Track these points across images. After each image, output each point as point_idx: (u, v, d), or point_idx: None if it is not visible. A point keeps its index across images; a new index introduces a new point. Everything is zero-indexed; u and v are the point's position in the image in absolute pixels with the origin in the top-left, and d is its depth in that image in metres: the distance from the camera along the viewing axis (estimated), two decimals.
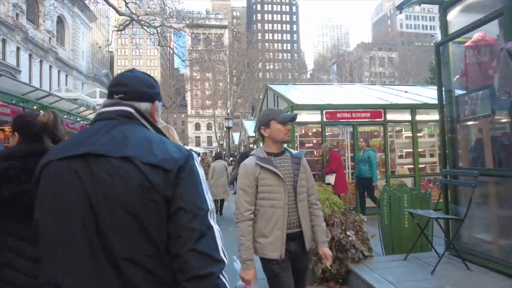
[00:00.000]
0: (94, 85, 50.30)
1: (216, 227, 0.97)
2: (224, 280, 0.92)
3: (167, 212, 0.92)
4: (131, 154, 0.93)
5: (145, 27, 17.85)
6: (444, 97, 3.79)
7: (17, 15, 32.25)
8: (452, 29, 3.67)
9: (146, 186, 0.90)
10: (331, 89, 10.07)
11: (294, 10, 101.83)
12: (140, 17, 17.01)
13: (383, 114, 7.69)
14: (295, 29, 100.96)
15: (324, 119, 7.43)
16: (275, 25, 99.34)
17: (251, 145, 17.48)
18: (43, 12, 34.62)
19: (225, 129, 15.81)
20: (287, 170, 2.17)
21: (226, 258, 0.95)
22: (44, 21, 34.96)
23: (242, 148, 21.73)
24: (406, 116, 7.91)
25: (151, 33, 18.15)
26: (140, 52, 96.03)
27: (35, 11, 36.02)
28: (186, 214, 0.91)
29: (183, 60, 20.22)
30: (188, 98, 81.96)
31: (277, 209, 2.10)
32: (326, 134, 7.60)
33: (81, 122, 9.39)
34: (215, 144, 53.13)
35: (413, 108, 7.84)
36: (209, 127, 78.09)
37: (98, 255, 0.88)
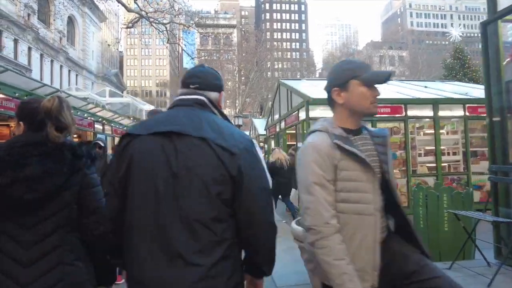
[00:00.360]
0: (103, 85, 50.55)
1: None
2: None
3: (233, 187, 1.13)
4: (206, 135, 1.14)
5: (154, 24, 17.67)
6: (491, 83, 3.35)
7: (28, 15, 32.47)
8: (502, 5, 3.24)
9: (216, 163, 1.12)
10: None
11: (302, 9, 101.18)
12: (149, 14, 16.81)
13: (403, 109, 7.26)
14: (303, 28, 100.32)
15: None
16: (283, 24, 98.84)
17: (261, 144, 17.17)
18: (54, 11, 35.01)
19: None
20: (373, 157, 1.43)
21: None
22: (54, 20, 35.22)
23: None
24: (427, 112, 7.47)
25: (160, 30, 17.96)
26: (149, 51, 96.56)
27: (46, 10, 36.29)
28: (250, 192, 1.14)
29: (192, 58, 19.91)
30: None
31: (365, 216, 1.36)
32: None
33: (89, 118, 9.11)
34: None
35: (435, 103, 7.39)
36: None
37: (173, 215, 1.10)
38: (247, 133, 28.57)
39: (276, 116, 10.72)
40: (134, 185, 1.17)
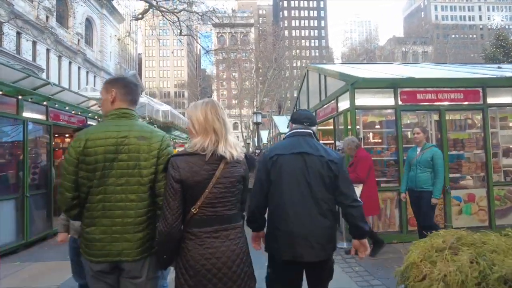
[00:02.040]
0: None
1: None
2: None
3: (335, 180, 2.26)
4: (322, 154, 2.30)
5: (166, 15, 16.34)
6: None
7: (47, 17, 32.11)
8: None
9: (327, 167, 2.26)
10: (396, 68, 7.73)
11: (321, 5, 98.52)
12: (159, 3, 15.44)
13: (481, 94, 5.43)
14: (323, 24, 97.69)
15: (399, 102, 5.30)
16: (302, 21, 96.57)
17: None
18: (73, 14, 34.72)
19: (252, 127, 13.78)
20: None
21: None
22: (74, 22, 34.81)
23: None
24: None
25: (172, 21, 16.60)
26: (167, 52, 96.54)
27: (63, 13, 36.02)
28: (344, 183, 2.27)
29: (207, 51, 18.42)
30: (214, 98, 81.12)
31: None
32: (404, 123, 5.47)
33: (81, 114, 7.76)
34: (241, 144, 51.38)
35: None
36: (235, 127, 76.93)
37: (309, 196, 2.23)
38: (266, 132, 27.07)
39: None
40: (282, 179, 2.29)
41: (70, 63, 38.06)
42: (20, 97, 5.87)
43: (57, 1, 33.00)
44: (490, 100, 5.44)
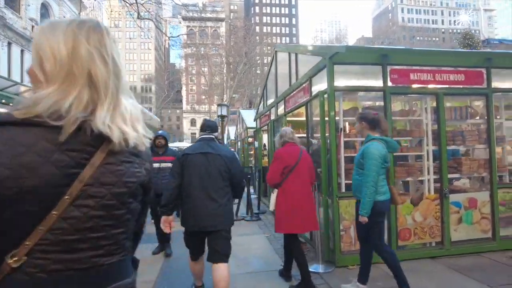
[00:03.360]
0: None
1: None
2: None
3: (229, 172, 3.08)
4: (220, 152, 3.11)
5: None
6: None
7: None
8: None
9: (223, 163, 3.07)
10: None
11: (293, 2, 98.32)
12: None
13: (485, 76, 4.44)
14: (294, 22, 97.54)
15: (389, 83, 4.19)
16: (273, 18, 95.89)
17: (250, 140, 14.22)
18: None
19: (219, 119, 12.44)
20: None
21: None
22: (27, 5, 31.59)
23: (239, 143, 18.38)
24: None
25: (129, 3, 14.85)
26: (133, 45, 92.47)
27: None
28: (238, 177, 3.19)
29: (169, 37, 16.82)
30: (184, 93, 78.78)
31: None
32: (393, 111, 4.35)
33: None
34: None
35: None
36: None
37: (211, 185, 3.02)
38: (234, 127, 25.71)
39: (271, 100, 7.76)
40: (191, 173, 3.03)
41: (22, 51, 34.66)
42: None
43: None
44: (495, 84, 4.46)
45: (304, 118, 5.63)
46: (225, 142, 29.79)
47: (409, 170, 4.28)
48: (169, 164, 4.29)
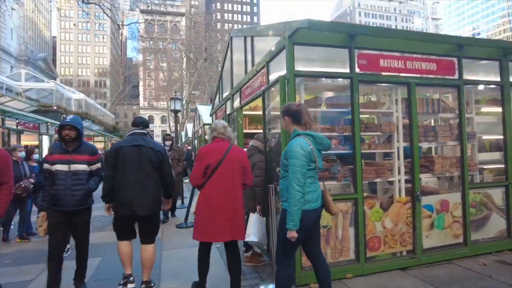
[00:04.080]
0: (27, 70, 43.07)
1: None
2: None
3: (160, 164, 3.46)
4: (152, 146, 3.46)
5: None
6: None
7: None
8: None
9: (154, 155, 3.43)
10: None
11: (254, 0, 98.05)
12: None
13: (457, 67, 4.03)
14: (255, 20, 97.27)
15: (357, 69, 3.66)
16: (235, 15, 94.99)
17: (207, 137, 13.33)
18: None
19: (172, 114, 11.50)
20: None
21: None
22: None
23: (195, 141, 17.41)
24: (492, 73, 4.31)
25: None
26: (87, 37, 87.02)
27: None
28: (166, 168, 3.52)
29: (119, 26, 15.48)
30: (141, 89, 75.52)
31: None
32: (361, 102, 3.78)
33: None
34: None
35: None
36: (163, 120, 72.45)
37: (142, 174, 3.37)
38: (191, 124, 24.59)
39: (227, 93, 7.02)
40: (125, 164, 3.36)
41: None
42: None
43: None
44: (467, 75, 4.08)
45: (260, 112, 4.97)
46: (183, 140, 28.52)
47: (378, 170, 3.75)
48: (84, 167, 3.35)
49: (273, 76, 3.96)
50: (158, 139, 68.88)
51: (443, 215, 3.91)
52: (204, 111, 14.67)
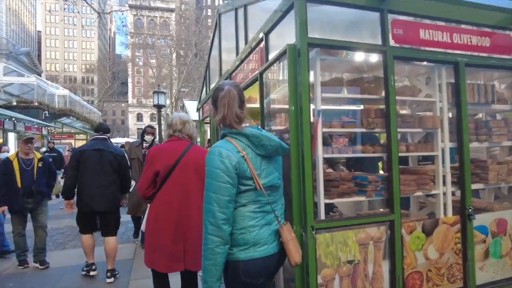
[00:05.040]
0: (8, 65, 41.30)
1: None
2: None
3: (118, 166, 4.02)
4: (111, 150, 4.03)
5: None
6: None
7: None
8: None
9: (114, 158, 3.98)
10: None
11: None
12: None
13: None
14: None
15: (391, 41, 2.69)
16: None
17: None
18: None
19: (155, 110, 10.41)
20: None
21: None
22: None
23: None
24: None
25: None
26: (74, 32, 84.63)
27: None
28: (125, 170, 4.16)
29: (100, 13, 14.16)
30: (129, 86, 73.67)
31: None
32: (398, 84, 2.79)
33: None
34: (137, 139, 46.06)
35: None
36: (153, 118, 70.66)
37: (102, 175, 3.91)
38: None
39: (215, 83, 5.98)
40: (87, 165, 3.88)
41: None
42: None
43: None
44: None
45: (254, 105, 3.93)
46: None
47: (418, 180, 2.76)
48: None
49: (274, 54, 2.93)
50: (148, 137, 67.08)
51: (499, 238, 2.94)
52: (192, 107, 13.58)
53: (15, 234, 4.54)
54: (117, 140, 29.22)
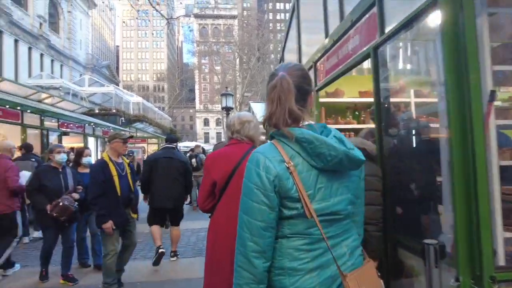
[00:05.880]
0: (92, 77, 46.02)
1: None
2: None
3: (184, 171, 5.02)
4: (178, 158, 5.05)
5: None
6: None
7: None
8: None
9: (180, 165, 5.01)
10: None
11: None
12: None
13: None
14: None
15: None
16: (287, 14, 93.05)
17: (263, 137, 11.68)
18: None
19: (224, 114, 10.05)
20: None
21: None
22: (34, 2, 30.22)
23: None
24: None
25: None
26: (146, 44, 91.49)
27: None
28: (189, 174, 5.19)
29: (169, 19, 14.59)
30: (196, 92, 77.10)
31: None
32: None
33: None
34: (224, 140, 47.16)
35: None
36: (218, 122, 72.86)
37: (171, 178, 4.85)
38: None
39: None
40: (158, 170, 4.84)
41: (30, 48, 33.31)
42: None
43: None
44: None
45: (342, 99, 3.03)
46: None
47: None
48: None
49: (391, 26, 2.09)
50: (213, 140, 69.91)
51: None
52: (259, 109, 13.10)
53: (110, 255, 3.69)
54: (186, 144, 30.35)
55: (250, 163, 1.24)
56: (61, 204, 3.87)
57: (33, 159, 6.16)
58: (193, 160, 9.26)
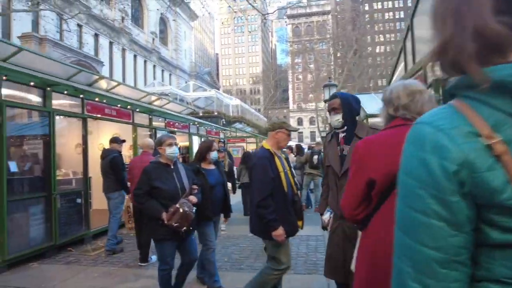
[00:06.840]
0: (196, 83, 50.36)
1: None
2: None
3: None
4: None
5: None
6: None
7: (122, 18, 32.47)
8: None
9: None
10: None
11: None
12: None
13: None
14: (409, 3, 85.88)
15: None
16: (385, 2, 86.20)
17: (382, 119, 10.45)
18: (147, 14, 35.07)
19: (322, 114, 9.26)
20: None
21: None
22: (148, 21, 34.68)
23: None
24: None
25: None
26: (242, 49, 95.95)
27: (138, 14, 36.94)
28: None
29: (265, 15, 14.46)
30: (290, 92, 77.53)
31: None
32: None
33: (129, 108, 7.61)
34: (318, 139, 45.52)
35: None
36: (312, 121, 71.62)
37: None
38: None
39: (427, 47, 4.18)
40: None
41: (145, 61, 38.20)
42: (48, 88, 5.56)
43: (132, 1, 32.95)
44: None
45: None
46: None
47: None
48: None
49: None
50: (307, 140, 69.12)
51: None
52: (364, 100, 11.86)
53: (281, 271, 2.98)
54: None
55: (408, 144, 0.71)
56: (181, 210, 2.99)
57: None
58: (315, 157, 8.54)
